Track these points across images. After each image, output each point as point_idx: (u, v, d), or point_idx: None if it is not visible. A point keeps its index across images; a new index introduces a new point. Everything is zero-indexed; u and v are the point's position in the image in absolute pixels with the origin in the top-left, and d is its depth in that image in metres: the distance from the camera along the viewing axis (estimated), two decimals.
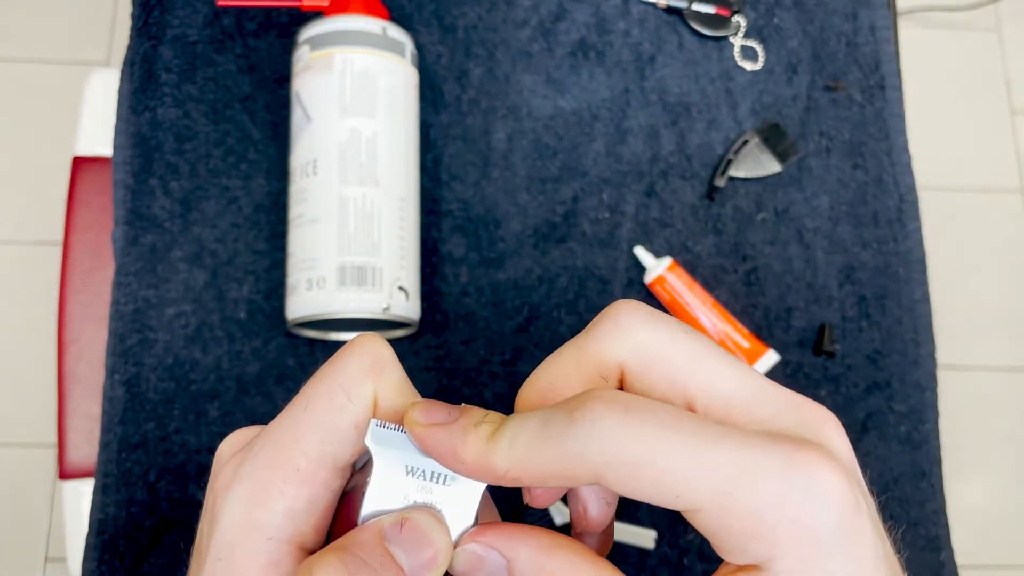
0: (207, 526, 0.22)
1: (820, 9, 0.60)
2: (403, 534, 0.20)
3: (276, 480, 0.21)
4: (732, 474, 0.18)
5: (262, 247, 0.53)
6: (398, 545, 0.20)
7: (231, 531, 0.21)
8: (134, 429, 0.50)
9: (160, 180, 0.53)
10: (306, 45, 0.49)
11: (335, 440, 0.21)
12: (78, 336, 0.63)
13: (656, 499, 0.19)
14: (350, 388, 0.21)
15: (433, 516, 0.21)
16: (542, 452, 0.19)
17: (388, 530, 0.20)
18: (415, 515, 0.21)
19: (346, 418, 0.21)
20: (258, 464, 0.21)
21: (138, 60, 0.55)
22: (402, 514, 0.21)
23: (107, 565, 0.48)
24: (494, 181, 0.55)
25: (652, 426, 0.18)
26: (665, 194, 0.56)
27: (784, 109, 0.58)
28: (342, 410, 0.21)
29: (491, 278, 0.53)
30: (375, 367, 0.22)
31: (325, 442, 0.21)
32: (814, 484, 0.18)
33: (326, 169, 0.47)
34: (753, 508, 0.18)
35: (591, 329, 0.21)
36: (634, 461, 0.18)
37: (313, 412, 0.21)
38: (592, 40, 0.58)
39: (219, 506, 0.21)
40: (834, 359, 0.54)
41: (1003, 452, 1.35)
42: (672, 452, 0.18)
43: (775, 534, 0.18)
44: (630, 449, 0.18)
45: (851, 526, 0.18)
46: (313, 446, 0.21)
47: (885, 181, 0.57)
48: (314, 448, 0.21)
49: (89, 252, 0.64)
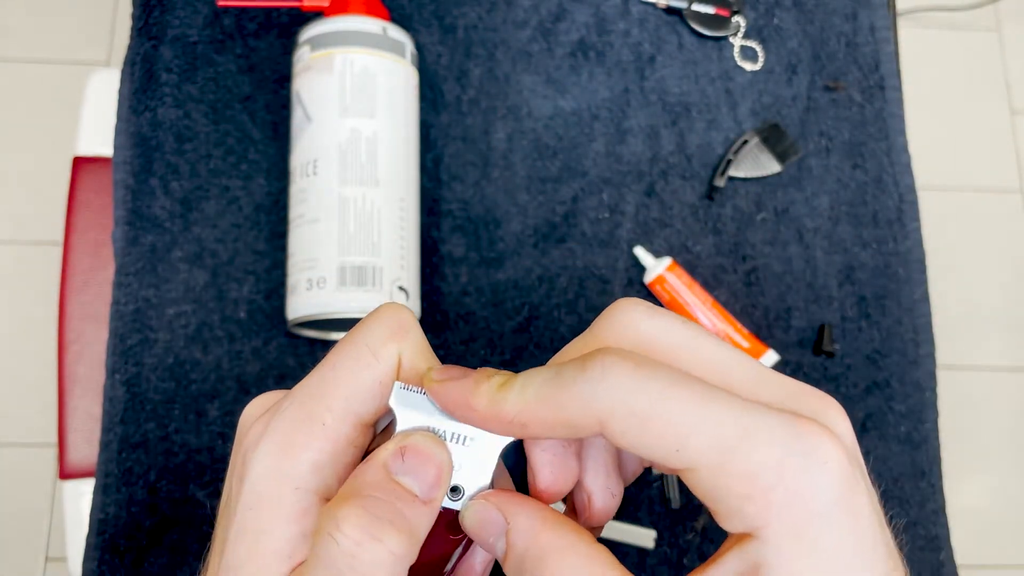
0: (236, 481, 0.22)
1: (820, 9, 0.60)
2: (406, 461, 0.21)
3: (303, 434, 0.22)
4: (734, 434, 0.18)
5: (262, 247, 0.53)
6: (404, 473, 0.21)
7: (261, 482, 0.21)
8: (134, 429, 0.50)
9: (160, 180, 0.53)
10: (306, 45, 0.49)
11: (360, 397, 0.22)
12: (78, 336, 0.63)
13: (657, 452, 0.19)
14: (376, 348, 0.22)
15: (429, 436, 0.22)
16: (551, 397, 0.20)
17: (391, 463, 0.21)
18: (411, 439, 0.21)
19: (371, 376, 0.22)
20: (286, 419, 0.22)
21: (138, 60, 0.55)
22: (398, 442, 0.21)
23: (107, 565, 0.48)
24: (494, 181, 0.55)
25: (661, 380, 0.19)
26: (665, 194, 0.56)
27: (784, 109, 0.58)
28: (368, 368, 0.22)
29: (491, 278, 0.53)
30: (399, 330, 0.23)
31: (350, 399, 0.22)
32: (814, 454, 0.18)
33: (326, 169, 0.47)
34: (751, 470, 0.18)
35: (594, 326, 0.22)
36: (640, 413, 0.19)
37: (340, 370, 0.22)
38: (592, 40, 0.58)
39: (248, 459, 0.22)
40: (834, 359, 0.54)
41: (1003, 452, 1.35)
42: (678, 407, 0.19)
43: (768, 498, 0.18)
44: (637, 400, 0.19)
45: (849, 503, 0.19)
46: (339, 402, 0.22)
47: (885, 181, 0.57)
48: (339, 404, 0.22)
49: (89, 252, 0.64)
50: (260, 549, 0.21)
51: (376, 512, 0.20)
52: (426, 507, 0.21)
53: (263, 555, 0.21)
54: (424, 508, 0.21)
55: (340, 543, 0.19)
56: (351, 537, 0.19)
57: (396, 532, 0.20)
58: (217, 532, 0.23)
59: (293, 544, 0.21)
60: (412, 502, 0.21)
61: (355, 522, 0.20)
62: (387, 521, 0.20)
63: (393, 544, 0.20)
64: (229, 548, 0.22)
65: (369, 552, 0.19)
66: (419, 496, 0.21)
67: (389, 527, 0.20)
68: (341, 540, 0.19)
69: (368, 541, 0.19)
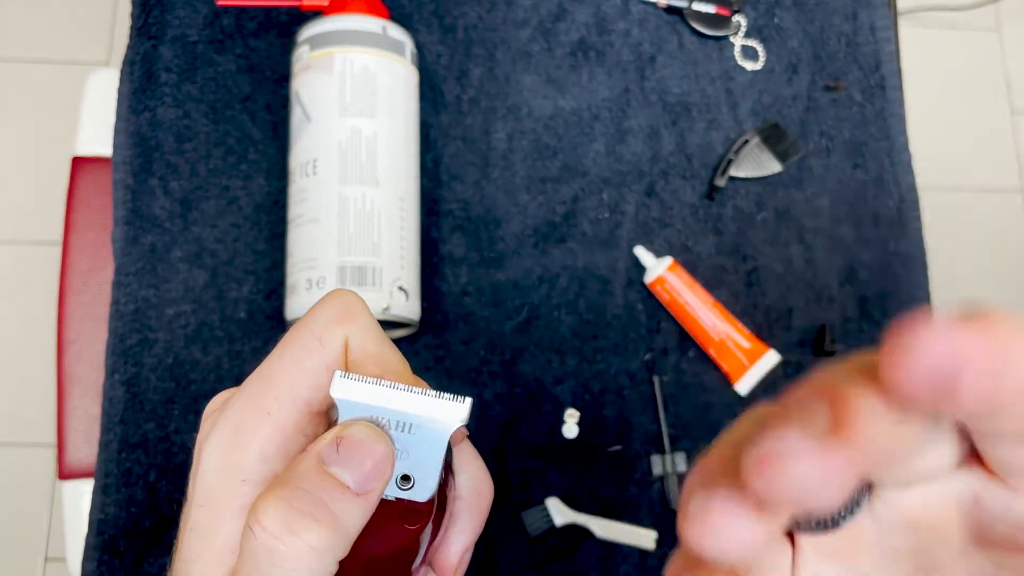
0: (190, 478, 0.23)
1: (820, 9, 0.60)
2: (341, 452, 0.20)
3: (250, 424, 0.22)
4: None
5: (262, 247, 0.53)
6: (338, 465, 0.20)
7: (209, 477, 0.22)
8: (134, 429, 0.50)
9: (160, 180, 0.53)
10: (306, 45, 0.49)
11: (306, 383, 0.22)
12: (78, 336, 0.63)
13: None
14: (320, 333, 0.22)
15: (368, 426, 0.21)
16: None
17: (325, 453, 0.21)
18: (350, 430, 0.21)
19: (317, 362, 0.22)
20: (234, 412, 0.22)
21: (138, 60, 0.55)
22: (336, 432, 0.21)
23: (107, 565, 0.48)
24: (494, 181, 0.55)
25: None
26: (665, 194, 0.56)
27: (784, 109, 0.58)
28: (313, 355, 0.22)
29: (491, 278, 0.53)
30: (346, 314, 0.23)
31: (296, 386, 0.22)
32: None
33: (326, 169, 0.47)
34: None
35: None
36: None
37: (285, 359, 0.22)
38: (592, 40, 0.58)
39: (200, 456, 0.22)
40: (834, 359, 0.54)
41: None
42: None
43: None
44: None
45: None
46: (284, 390, 0.22)
47: (885, 181, 0.57)
48: (285, 392, 0.22)
49: (89, 252, 0.64)
50: (209, 545, 0.21)
51: (297, 505, 0.20)
52: (359, 499, 0.20)
53: (212, 550, 0.21)
54: (357, 500, 0.20)
55: (258, 536, 0.19)
56: (268, 530, 0.19)
57: (316, 525, 0.20)
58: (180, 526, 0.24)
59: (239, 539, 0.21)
60: (342, 494, 0.20)
61: (273, 515, 0.19)
62: (307, 514, 0.20)
63: (311, 538, 0.19)
64: (184, 544, 0.22)
65: (286, 545, 0.19)
66: (352, 487, 0.20)
67: (309, 520, 0.20)
68: (259, 533, 0.19)
69: (285, 535, 0.19)
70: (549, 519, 0.49)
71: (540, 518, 0.49)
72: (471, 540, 0.25)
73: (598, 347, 0.53)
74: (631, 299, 0.54)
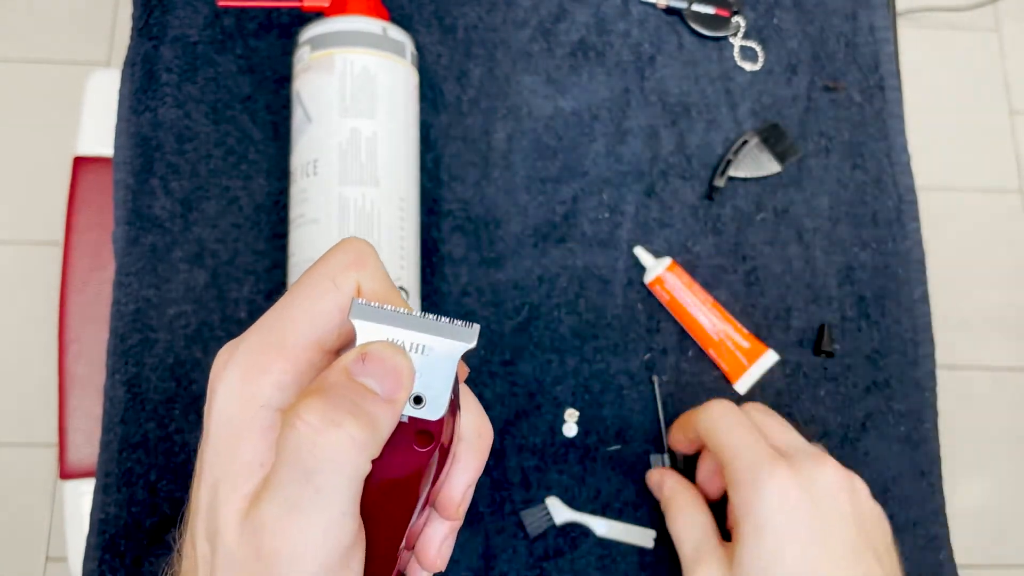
0: (206, 410, 0.23)
1: (819, 9, 0.60)
2: (366, 365, 0.22)
3: (266, 357, 0.22)
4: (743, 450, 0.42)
5: (263, 247, 0.53)
6: (364, 376, 0.22)
7: (228, 404, 0.22)
8: (135, 429, 0.50)
9: (161, 180, 0.54)
10: (307, 45, 0.49)
11: (320, 323, 0.23)
12: (79, 336, 0.63)
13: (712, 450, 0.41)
14: (334, 276, 0.23)
15: (388, 344, 0.22)
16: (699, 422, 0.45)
17: (352, 366, 0.22)
18: (372, 346, 0.22)
19: (331, 302, 0.23)
20: (249, 346, 0.23)
21: (139, 60, 0.55)
22: (359, 349, 0.22)
23: (108, 565, 0.48)
24: (494, 181, 0.55)
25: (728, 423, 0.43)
26: (665, 194, 0.56)
27: (784, 109, 0.58)
28: (327, 295, 0.23)
29: (491, 278, 0.54)
30: (358, 260, 0.24)
31: (311, 324, 0.23)
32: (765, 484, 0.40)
33: (326, 169, 0.47)
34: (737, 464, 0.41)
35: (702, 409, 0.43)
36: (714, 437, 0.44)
37: (300, 298, 0.23)
38: (592, 40, 0.58)
39: (215, 386, 0.23)
40: (833, 359, 0.54)
41: (1003, 452, 1.35)
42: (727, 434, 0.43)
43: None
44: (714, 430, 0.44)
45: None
46: (300, 327, 0.23)
47: (884, 181, 0.58)
48: (301, 328, 0.23)
49: (90, 252, 0.64)
50: (233, 464, 0.22)
51: (335, 402, 0.20)
52: (387, 404, 0.21)
53: (237, 468, 0.22)
54: (385, 405, 0.21)
55: (300, 430, 0.20)
56: (310, 423, 0.20)
57: (355, 419, 0.20)
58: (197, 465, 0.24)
59: (264, 455, 0.22)
60: (373, 398, 0.21)
61: (315, 409, 0.20)
62: (346, 410, 0.20)
63: (353, 429, 0.20)
64: (207, 470, 0.22)
65: (330, 436, 0.20)
66: (380, 394, 0.21)
67: (348, 415, 0.20)
68: (301, 427, 0.20)
69: (327, 426, 0.20)
70: (549, 518, 0.49)
71: (540, 517, 0.49)
72: (473, 478, 0.26)
73: (598, 347, 0.53)
74: (631, 299, 0.54)
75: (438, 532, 0.26)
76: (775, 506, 0.37)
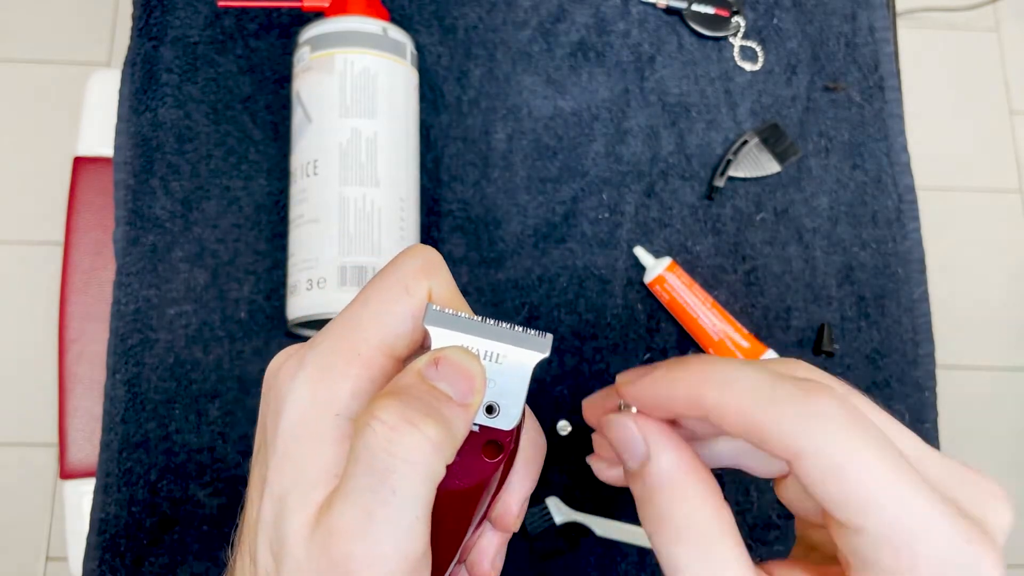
0: (271, 419, 0.22)
1: (819, 10, 0.60)
2: (440, 369, 0.21)
3: (340, 363, 0.22)
4: (919, 518, 0.19)
5: (263, 247, 0.53)
6: (438, 379, 0.21)
7: (300, 410, 0.22)
8: (135, 429, 0.50)
9: (161, 180, 0.54)
10: (307, 46, 0.49)
11: (394, 330, 0.22)
12: (79, 336, 0.63)
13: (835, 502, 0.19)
14: (407, 283, 0.23)
15: (462, 349, 0.22)
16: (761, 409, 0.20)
17: (426, 370, 0.21)
18: (445, 351, 0.22)
19: (404, 309, 0.23)
20: (322, 351, 0.22)
21: (139, 60, 0.55)
22: (433, 354, 0.22)
23: (108, 565, 0.48)
24: (494, 181, 0.55)
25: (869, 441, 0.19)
26: (665, 194, 0.56)
27: (783, 109, 0.58)
28: (400, 302, 0.23)
29: (491, 278, 0.54)
30: (428, 267, 0.23)
31: (385, 330, 0.22)
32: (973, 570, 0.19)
33: (327, 169, 0.47)
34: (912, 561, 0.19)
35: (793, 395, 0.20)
36: (840, 465, 0.19)
37: (373, 304, 0.23)
38: (592, 40, 0.58)
39: (284, 393, 0.22)
40: (833, 359, 0.54)
41: (1003, 452, 1.35)
42: (877, 471, 0.19)
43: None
44: (842, 451, 0.19)
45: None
46: (373, 334, 0.22)
47: (884, 181, 0.58)
48: (374, 335, 0.22)
49: (90, 252, 0.64)
50: (305, 473, 0.21)
51: (411, 403, 0.20)
52: (462, 408, 0.21)
53: (309, 477, 0.21)
54: (460, 409, 0.21)
55: (376, 430, 0.19)
56: (387, 423, 0.20)
57: (432, 420, 0.20)
58: (253, 478, 0.23)
59: (338, 465, 0.21)
60: (448, 401, 0.21)
61: (392, 410, 0.20)
62: (423, 411, 0.20)
63: (429, 430, 0.20)
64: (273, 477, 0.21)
65: (406, 437, 0.19)
66: (455, 400, 0.21)
67: (425, 416, 0.20)
68: (377, 427, 0.20)
69: (405, 426, 0.20)
70: (549, 518, 0.50)
71: (540, 517, 0.49)
72: (529, 491, 0.25)
73: (598, 347, 0.53)
74: (631, 299, 0.54)
75: (492, 543, 0.26)
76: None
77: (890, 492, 0.18)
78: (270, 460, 0.22)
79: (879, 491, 0.18)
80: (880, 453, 0.19)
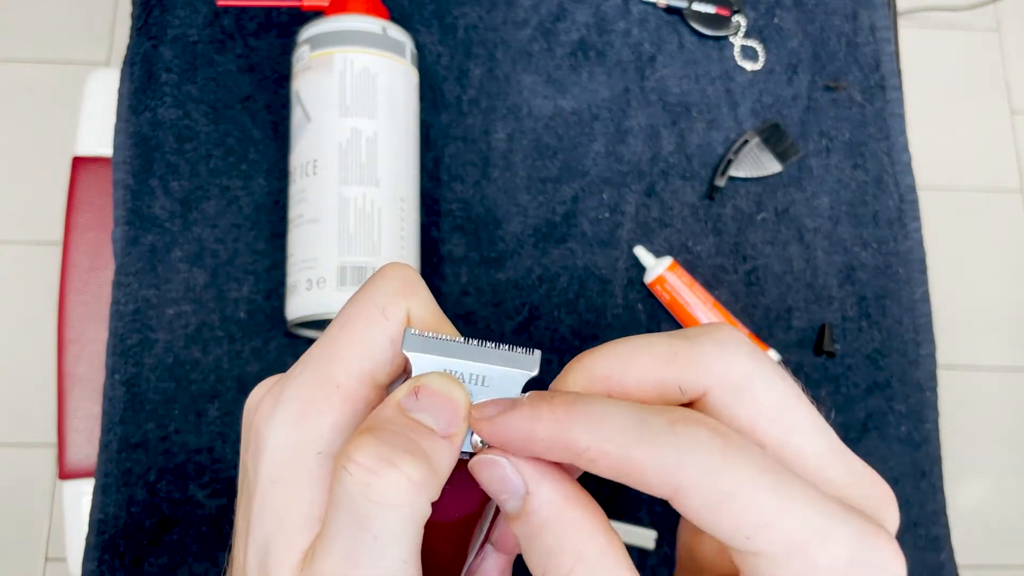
0: (251, 459, 0.21)
1: (820, 9, 0.60)
2: (420, 399, 0.20)
3: (320, 397, 0.21)
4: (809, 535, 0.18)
5: (262, 247, 0.53)
6: (419, 411, 0.20)
7: (281, 451, 0.21)
8: (134, 429, 0.50)
9: (160, 180, 0.53)
10: (306, 45, 0.49)
11: (373, 356, 0.21)
12: (78, 336, 0.63)
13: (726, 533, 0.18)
14: (384, 306, 0.22)
15: (443, 375, 0.21)
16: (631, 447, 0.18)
17: (405, 402, 0.20)
18: (425, 379, 0.21)
19: (382, 333, 0.21)
20: (299, 385, 0.21)
21: (138, 60, 0.55)
22: (412, 383, 0.20)
23: (107, 565, 0.48)
24: (494, 181, 0.55)
25: (747, 464, 0.18)
26: (665, 194, 0.56)
27: (784, 109, 0.58)
28: (378, 327, 0.21)
29: (491, 278, 0.53)
30: (406, 287, 0.22)
31: (363, 358, 0.21)
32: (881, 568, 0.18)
33: (326, 169, 0.47)
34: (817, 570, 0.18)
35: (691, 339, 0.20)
36: (721, 494, 0.18)
37: (350, 330, 0.21)
38: (592, 40, 0.58)
39: (263, 432, 0.21)
40: (834, 359, 0.54)
41: (1003, 452, 1.35)
42: (760, 494, 0.18)
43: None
44: (721, 480, 0.18)
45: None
46: (352, 363, 0.21)
47: (885, 181, 0.57)
48: (353, 364, 0.21)
49: (89, 252, 0.64)
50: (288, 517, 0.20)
51: (390, 441, 0.19)
52: (445, 441, 0.20)
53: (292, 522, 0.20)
54: (443, 441, 0.20)
55: (353, 473, 0.18)
56: (364, 465, 0.18)
57: (412, 457, 0.19)
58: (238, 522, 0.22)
59: (322, 507, 0.20)
60: (429, 435, 0.20)
61: (368, 451, 0.19)
62: (401, 448, 0.19)
63: (410, 469, 0.18)
64: (255, 526, 0.21)
65: (384, 479, 0.18)
66: (437, 430, 0.20)
67: (404, 453, 0.19)
68: (354, 470, 0.18)
69: (383, 467, 0.18)
70: None
71: None
72: None
73: None
74: (631, 299, 0.54)
75: (495, 566, 0.24)
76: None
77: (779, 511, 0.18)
78: (252, 506, 0.21)
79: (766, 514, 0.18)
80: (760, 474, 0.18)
